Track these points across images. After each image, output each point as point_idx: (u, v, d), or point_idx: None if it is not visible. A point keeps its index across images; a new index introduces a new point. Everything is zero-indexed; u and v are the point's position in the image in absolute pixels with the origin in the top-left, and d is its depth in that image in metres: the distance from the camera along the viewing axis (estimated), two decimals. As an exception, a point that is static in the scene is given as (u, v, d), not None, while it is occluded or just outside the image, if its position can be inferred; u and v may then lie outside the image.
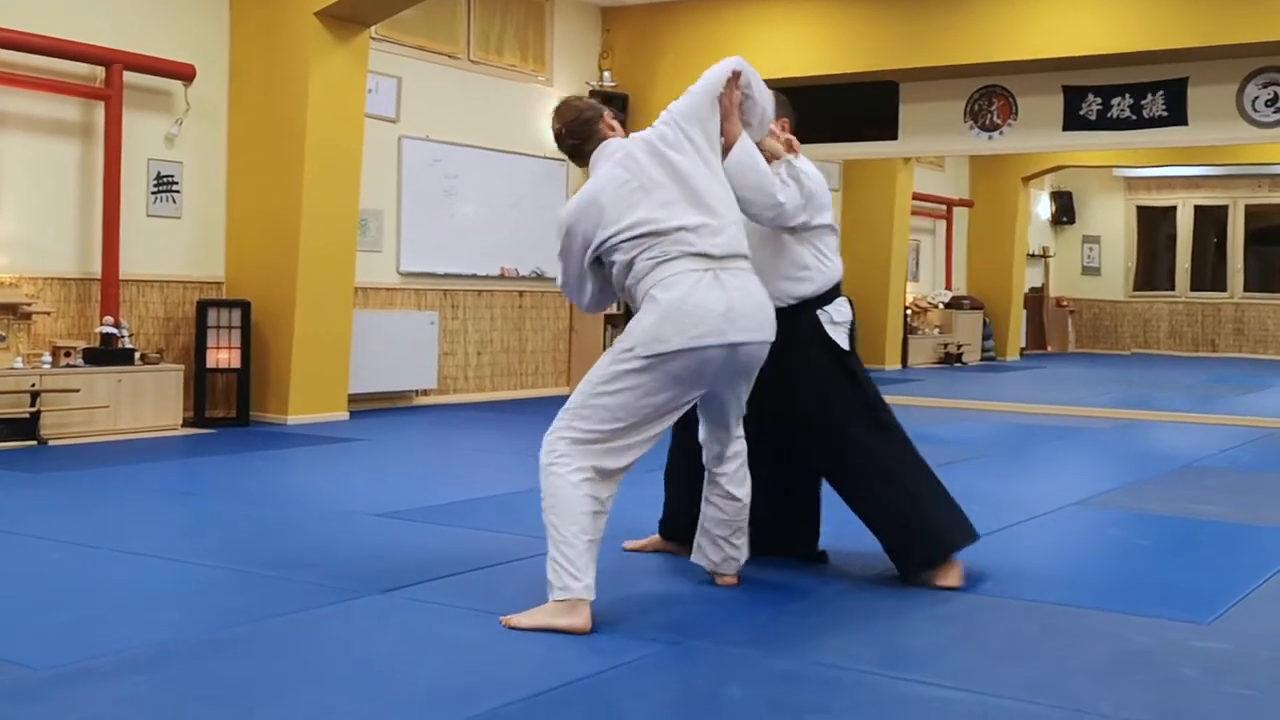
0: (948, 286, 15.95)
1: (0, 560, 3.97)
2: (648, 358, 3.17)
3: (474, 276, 9.55)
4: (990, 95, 9.73)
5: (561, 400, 3.36)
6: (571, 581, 3.10)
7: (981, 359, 15.66)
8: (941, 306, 15.45)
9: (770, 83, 3.80)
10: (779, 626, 3.31)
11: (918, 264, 15.59)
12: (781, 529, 3.98)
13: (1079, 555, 4.54)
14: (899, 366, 14.02)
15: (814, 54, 9.94)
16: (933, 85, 9.88)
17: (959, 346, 15.15)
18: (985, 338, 15.90)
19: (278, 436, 7.19)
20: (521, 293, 10.11)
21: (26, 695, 2.63)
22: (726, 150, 3.55)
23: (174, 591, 3.23)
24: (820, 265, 3.82)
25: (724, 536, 3.60)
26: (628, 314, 10.83)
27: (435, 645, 3.11)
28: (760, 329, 3.33)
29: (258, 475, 5.87)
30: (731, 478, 3.55)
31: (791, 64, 9.96)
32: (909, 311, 14.58)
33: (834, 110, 10.33)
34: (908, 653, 3.08)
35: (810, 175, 3.79)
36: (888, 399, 4.07)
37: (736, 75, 3.57)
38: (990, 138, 9.82)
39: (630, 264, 3.30)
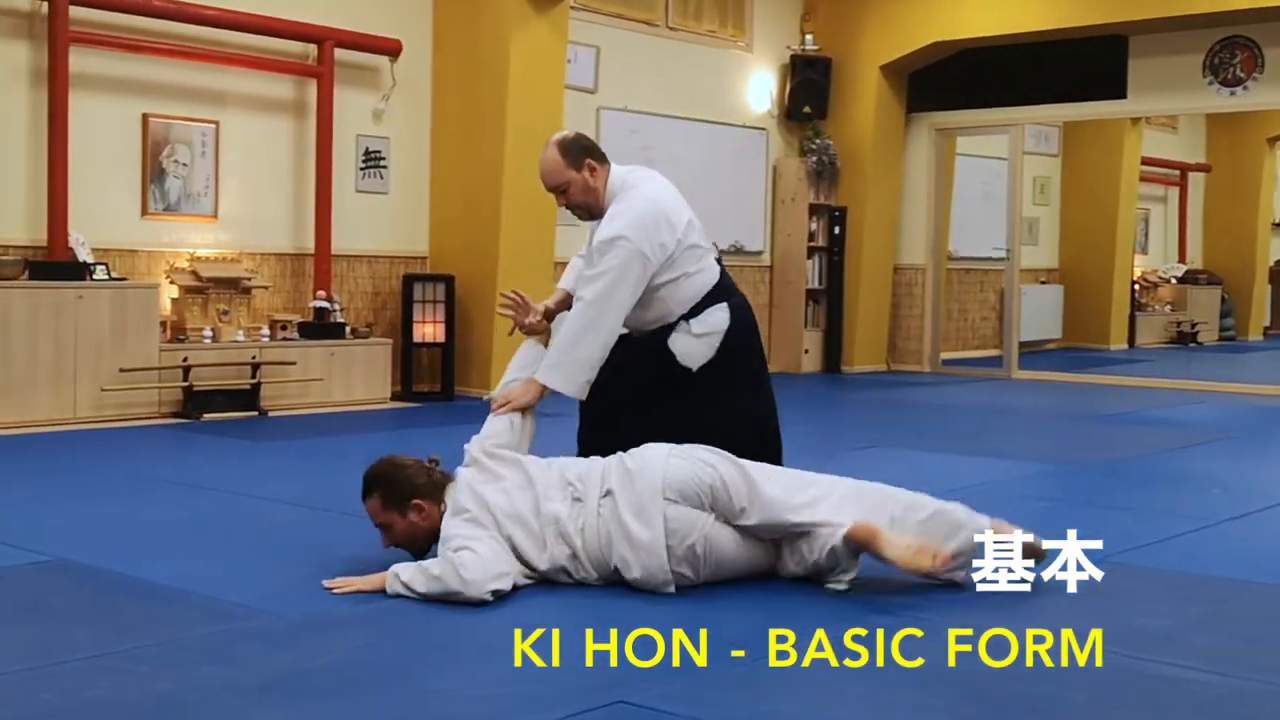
0: (1181, 260, 15.44)
1: (240, 521, 4.46)
2: None
3: (672, 250, 9.82)
4: (1233, 47, 9.44)
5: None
6: None
7: (1219, 338, 15.13)
8: (1174, 281, 15.00)
9: (985, 40, 3.84)
10: (999, 599, 3.44)
11: (1147, 235, 15.14)
12: None
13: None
14: (1125, 346, 13.68)
15: (1033, 8, 9.84)
16: (1166, 38, 9.65)
17: (1193, 325, 14.69)
18: (1224, 315, 15.35)
19: (482, 410, 7.61)
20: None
21: (279, 640, 3.01)
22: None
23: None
24: (674, 297, 3.90)
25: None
26: (830, 294, 10.74)
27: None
28: None
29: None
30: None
31: (1009, 19, 9.89)
32: (1137, 287, 14.21)
33: (1055, 68, 10.20)
34: (1149, 634, 3.17)
35: (628, 227, 3.78)
36: (1111, 379, 4.10)
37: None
38: (1232, 94, 9.53)
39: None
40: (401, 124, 8.38)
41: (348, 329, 7.79)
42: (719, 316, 3.91)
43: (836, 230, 10.74)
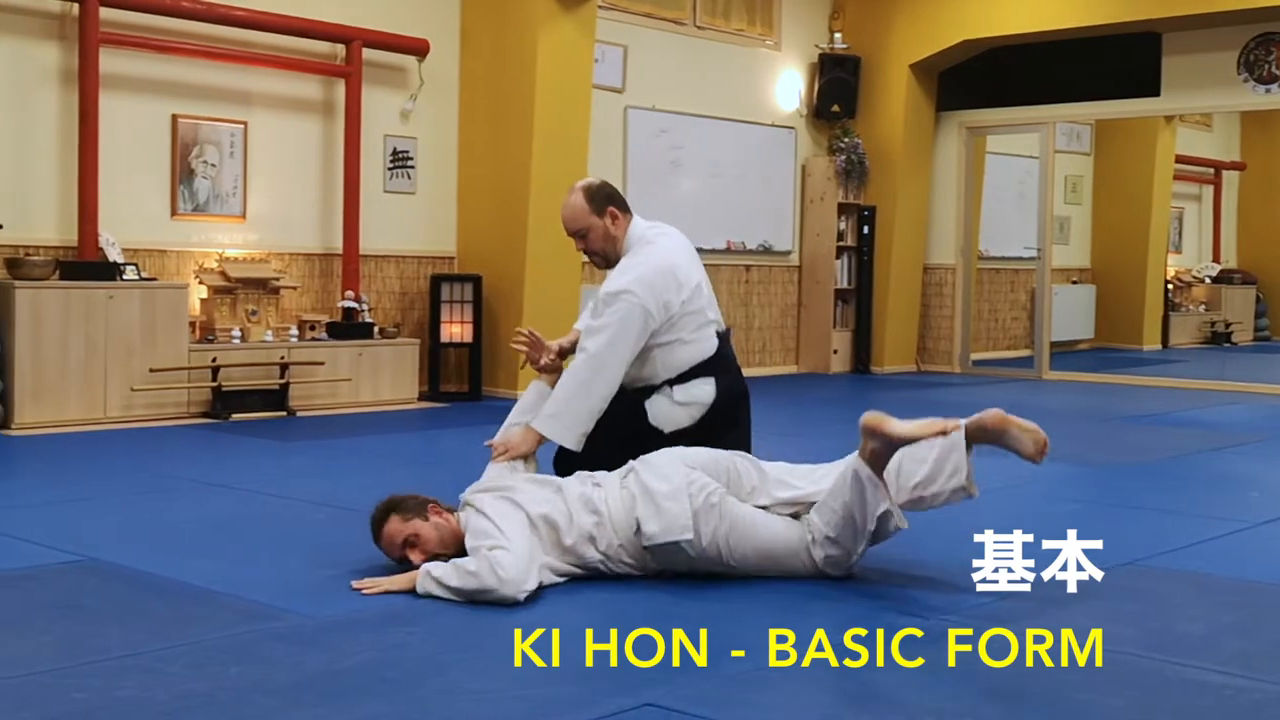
0: (1215, 259, 15.32)
1: (269, 521, 4.49)
2: None
3: (700, 250, 9.72)
4: (1269, 43, 9.35)
5: (791, 379, 3.56)
6: None
7: (1254, 338, 15.01)
8: (1208, 281, 14.89)
9: (1016, 38, 3.84)
10: (1034, 603, 3.43)
11: (1180, 234, 15.02)
12: None
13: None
14: (1158, 346, 13.58)
15: (1065, 4, 9.78)
16: (1201, 35, 9.58)
17: (1228, 324, 14.58)
18: (1259, 315, 15.22)
19: (508, 411, 7.63)
20: (748, 267, 10.34)
21: (308, 640, 3.02)
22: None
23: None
24: (663, 361, 3.91)
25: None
26: (859, 294, 10.74)
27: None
28: None
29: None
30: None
31: (1040, 16, 9.83)
32: (1170, 286, 14.11)
33: (1087, 66, 10.14)
34: (1184, 638, 3.15)
35: (633, 290, 3.82)
36: (1144, 380, 4.08)
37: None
38: (1268, 91, 9.45)
39: None
40: (429, 124, 8.41)
41: (375, 329, 7.83)
42: (704, 390, 3.93)
43: (865, 230, 10.71)
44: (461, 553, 3.48)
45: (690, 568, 3.54)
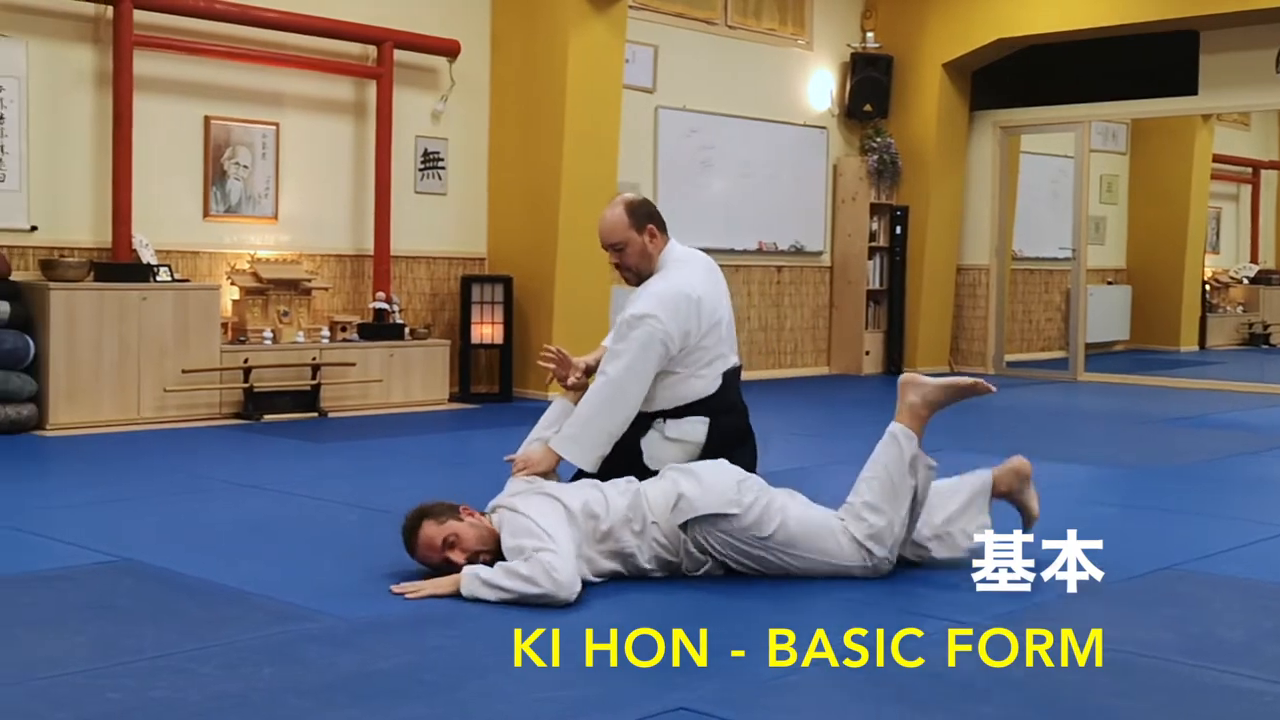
0: (1253, 259, 15.18)
1: (302, 522, 4.52)
2: None
3: (730, 251, 9.82)
4: (1309, 41, 9.25)
5: (823, 381, 3.58)
6: None
7: (1293, 340, 14.84)
8: (1246, 281, 14.75)
9: (1050, 36, 3.83)
10: (1071, 609, 3.40)
11: (1218, 234, 14.89)
12: None
13: None
14: (1195, 348, 13.47)
15: (1101, 2, 9.71)
16: (1238, 32, 9.49)
17: (1266, 326, 14.44)
18: (1297, 316, 15.06)
19: (539, 413, 7.65)
20: (779, 268, 10.32)
21: (342, 642, 3.03)
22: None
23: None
24: (663, 391, 3.90)
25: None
26: (892, 295, 10.71)
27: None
28: None
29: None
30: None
31: (1075, 14, 9.77)
32: (1207, 287, 13.99)
33: (1123, 64, 10.07)
34: (1223, 644, 3.12)
35: (654, 312, 3.82)
36: (1181, 382, 4.07)
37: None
38: (1308, 89, 9.34)
39: None
40: (460, 125, 8.44)
41: (406, 330, 7.86)
42: (696, 429, 3.91)
43: (898, 230, 10.66)
44: (498, 552, 3.48)
45: (721, 556, 3.54)
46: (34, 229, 6.74)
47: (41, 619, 3.24)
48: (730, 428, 3.97)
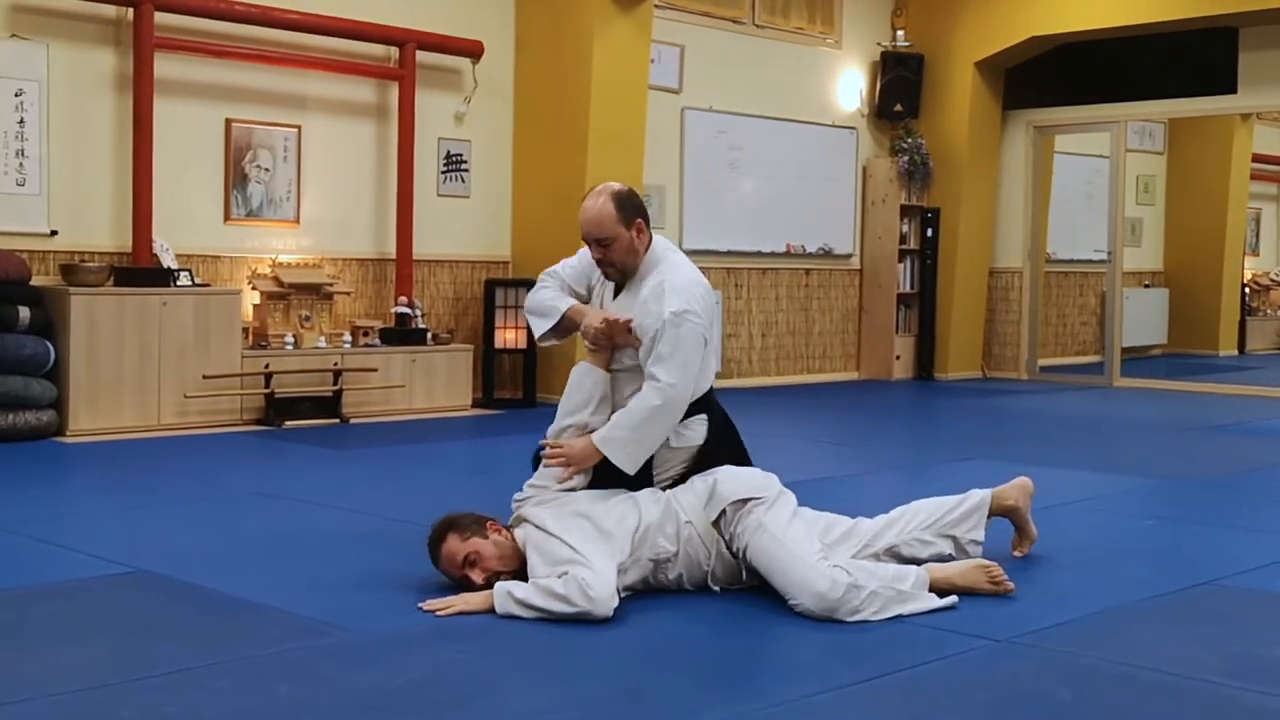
0: (1294, 261, 15.02)
1: (322, 532, 4.50)
2: None
3: (758, 254, 9.78)
4: (1352, 38, 9.14)
5: (852, 386, 3.55)
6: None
7: (1335, 344, 14.68)
8: (1286, 284, 14.58)
9: (1085, 34, 3.76)
10: (1108, 627, 3.36)
11: (1258, 236, 14.75)
12: None
13: None
14: (1235, 352, 13.34)
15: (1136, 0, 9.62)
16: (1279, 29, 9.38)
17: (1307, 329, 14.28)
18: (1340, 319, 14.89)
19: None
20: (808, 271, 10.27)
21: (360, 657, 3.01)
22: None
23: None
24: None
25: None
26: (923, 298, 10.57)
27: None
28: None
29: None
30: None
31: (1110, 12, 9.68)
32: (1247, 290, 13.85)
33: (1160, 62, 9.97)
34: (1268, 663, 3.07)
35: (690, 313, 3.71)
36: (1220, 388, 4.01)
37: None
38: (1351, 87, 9.23)
39: None
40: (483, 127, 8.43)
41: (429, 335, 7.85)
42: (697, 431, 3.82)
43: (929, 232, 10.60)
44: (521, 569, 3.45)
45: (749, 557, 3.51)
46: (54, 233, 6.77)
47: (58, 632, 3.24)
48: (724, 425, 3.91)
